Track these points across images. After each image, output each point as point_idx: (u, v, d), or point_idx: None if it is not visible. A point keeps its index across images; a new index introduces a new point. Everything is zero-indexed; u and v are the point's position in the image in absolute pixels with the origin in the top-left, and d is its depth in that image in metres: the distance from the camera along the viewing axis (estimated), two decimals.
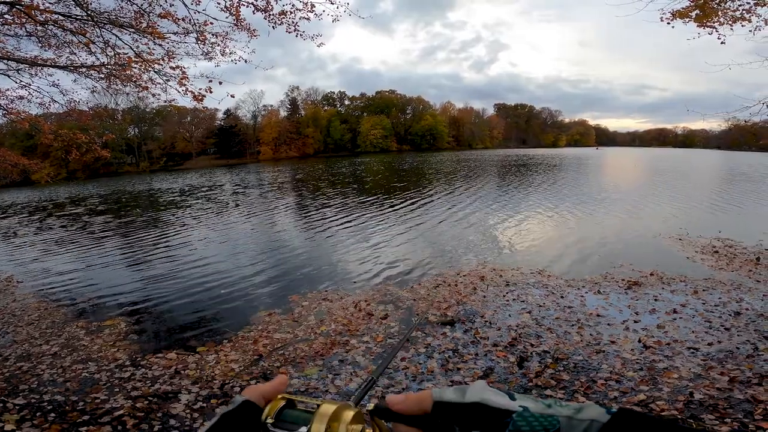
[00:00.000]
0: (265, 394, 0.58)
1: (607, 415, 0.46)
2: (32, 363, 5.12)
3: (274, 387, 0.59)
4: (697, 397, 3.65)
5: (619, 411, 0.47)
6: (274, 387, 0.59)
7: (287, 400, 0.59)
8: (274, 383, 0.60)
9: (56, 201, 28.56)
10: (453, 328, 5.46)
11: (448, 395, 0.52)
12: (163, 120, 78.69)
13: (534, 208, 15.68)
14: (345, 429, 0.55)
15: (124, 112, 71.76)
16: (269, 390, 0.59)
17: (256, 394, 0.58)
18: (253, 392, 0.58)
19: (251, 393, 0.58)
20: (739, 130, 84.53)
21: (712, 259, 8.29)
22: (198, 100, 7.49)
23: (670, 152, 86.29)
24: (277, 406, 0.57)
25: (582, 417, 0.47)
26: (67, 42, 7.25)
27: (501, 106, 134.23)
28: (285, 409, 0.57)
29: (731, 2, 6.97)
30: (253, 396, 0.57)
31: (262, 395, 0.58)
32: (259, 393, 0.58)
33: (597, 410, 0.47)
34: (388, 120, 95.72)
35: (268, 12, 6.79)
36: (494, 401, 0.50)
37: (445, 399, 0.52)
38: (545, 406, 0.49)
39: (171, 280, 8.51)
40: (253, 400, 0.56)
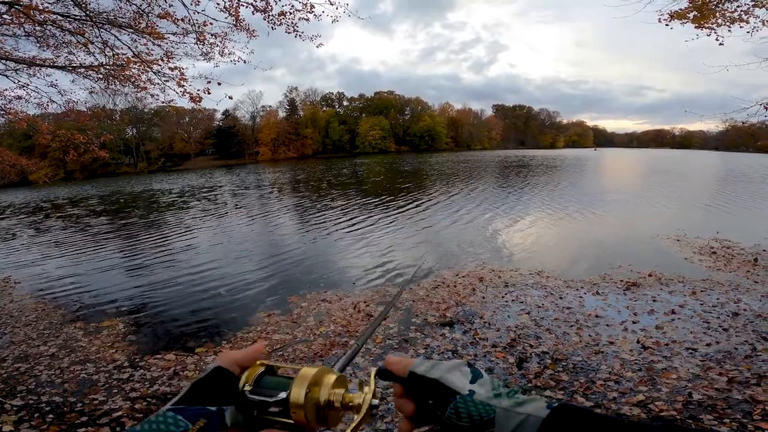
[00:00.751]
0: (240, 361, 0.57)
1: (546, 410, 0.48)
2: (30, 364, 5.10)
3: (248, 354, 0.58)
4: (696, 398, 3.65)
5: (558, 407, 0.48)
6: (248, 354, 0.58)
7: (266, 366, 0.57)
8: (249, 350, 0.58)
9: (54, 201, 28.49)
10: (452, 329, 5.46)
11: (421, 368, 0.57)
12: (162, 120, 78.53)
13: (533, 209, 15.69)
14: (327, 393, 0.54)
15: (122, 113, 71.66)
16: (243, 357, 0.57)
17: (229, 360, 0.56)
18: (226, 359, 0.56)
19: (224, 359, 0.56)
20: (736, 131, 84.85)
21: (710, 259, 8.31)
22: (196, 102, 7.48)
23: (667, 153, 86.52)
24: (255, 373, 0.56)
25: (520, 410, 0.49)
26: (65, 42, 7.23)
27: (499, 107, 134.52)
28: (264, 376, 0.56)
29: (729, 3, 6.99)
30: (226, 362, 0.55)
31: (236, 362, 0.56)
32: (232, 360, 0.56)
33: (537, 405, 0.49)
34: (387, 121, 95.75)
35: (268, 13, 6.78)
36: (450, 381, 0.54)
37: (417, 371, 0.57)
38: (492, 396, 0.52)
39: (169, 281, 8.49)
40: (225, 366, 0.55)
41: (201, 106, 7.66)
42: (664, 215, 13.74)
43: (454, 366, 0.56)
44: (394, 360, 0.59)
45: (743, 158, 57.73)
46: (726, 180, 26.91)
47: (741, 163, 45.60)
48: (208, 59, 7.46)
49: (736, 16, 7.03)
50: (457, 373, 0.55)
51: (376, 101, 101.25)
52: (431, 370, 0.56)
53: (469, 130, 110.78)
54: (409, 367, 0.58)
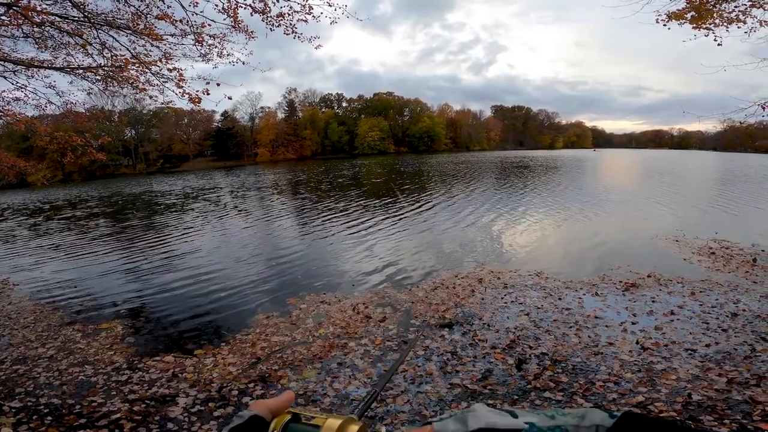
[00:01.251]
0: (273, 408, 0.59)
1: (611, 419, 0.47)
2: (28, 366, 5.09)
3: (281, 402, 0.60)
4: (696, 399, 3.65)
5: (623, 415, 0.47)
6: (281, 402, 0.60)
7: (293, 414, 0.59)
8: (282, 398, 0.61)
9: (52, 203, 28.44)
10: (451, 331, 5.45)
11: (451, 427, 0.51)
12: (160, 122, 78.43)
13: (532, 210, 15.71)
14: None
15: (120, 114, 71.57)
16: (276, 405, 0.60)
17: (264, 408, 0.59)
18: (261, 406, 0.59)
19: (259, 407, 0.59)
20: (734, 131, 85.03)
21: (708, 260, 8.32)
22: (195, 102, 7.47)
23: (666, 154, 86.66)
24: (283, 420, 0.58)
25: (587, 423, 0.48)
26: (63, 43, 7.22)
27: (498, 108, 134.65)
28: (290, 423, 0.58)
29: (727, 4, 7.00)
30: (261, 410, 0.58)
31: (270, 410, 0.59)
32: (267, 407, 0.59)
33: (600, 415, 0.48)
34: (386, 122, 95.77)
35: (266, 14, 6.78)
36: (499, 423, 0.49)
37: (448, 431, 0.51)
38: (549, 418, 0.49)
39: (168, 283, 8.47)
40: (261, 414, 0.57)
41: (200, 107, 7.66)
42: (663, 216, 13.76)
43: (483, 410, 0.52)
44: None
45: (741, 158, 57.86)
46: (724, 180, 26.96)
47: (739, 163, 45.68)
48: (207, 60, 7.46)
49: (734, 17, 7.04)
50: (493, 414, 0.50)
51: (375, 102, 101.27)
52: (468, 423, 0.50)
53: (468, 131, 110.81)
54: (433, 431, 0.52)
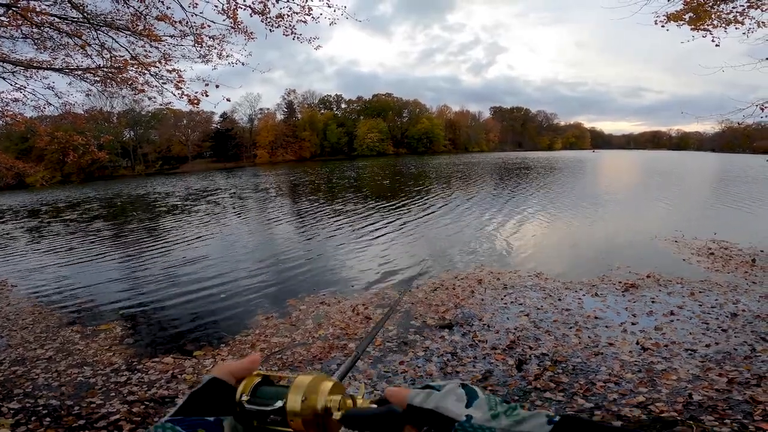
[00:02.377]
0: (235, 371, 0.58)
1: (548, 426, 0.47)
2: (27, 367, 5.07)
3: (244, 365, 0.59)
4: (696, 399, 3.65)
5: (560, 420, 0.47)
6: (244, 365, 0.59)
7: (262, 377, 0.58)
8: (245, 361, 0.59)
9: (51, 204, 28.38)
10: (451, 332, 5.45)
11: (418, 398, 0.55)
12: (159, 123, 78.37)
13: (532, 210, 15.71)
14: (324, 400, 0.55)
15: (119, 115, 71.45)
16: (239, 367, 0.58)
17: (225, 371, 0.57)
18: (222, 370, 0.57)
19: (219, 371, 0.57)
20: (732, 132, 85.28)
21: (708, 260, 8.33)
22: (194, 104, 7.46)
23: (664, 155, 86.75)
24: (252, 383, 0.56)
25: (521, 429, 0.48)
26: (62, 44, 7.21)
27: (497, 109, 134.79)
28: (261, 386, 0.56)
29: (725, 5, 7.02)
30: (222, 373, 0.57)
31: (231, 373, 0.57)
32: (228, 371, 0.57)
33: (538, 421, 0.48)
34: (385, 123, 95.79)
35: (265, 15, 6.77)
36: (445, 408, 0.52)
37: (414, 402, 0.55)
38: (491, 417, 0.50)
39: (167, 284, 8.46)
40: (221, 377, 0.56)
41: (199, 108, 7.67)
42: (662, 216, 13.77)
43: (449, 391, 0.55)
44: (393, 391, 0.58)
45: (740, 159, 57.91)
46: (723, 181, 27.00)
47: (738, 164, 45.71)
48: (206, 61, 7.45)
49: (732, 18, 7.06)
50: (452, 399, 0.53)
51: (374, 104, 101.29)
52: (427, 400, 0.54)
53: (467, 132, 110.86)
54: (407, 398, 0.56)
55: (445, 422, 0.52)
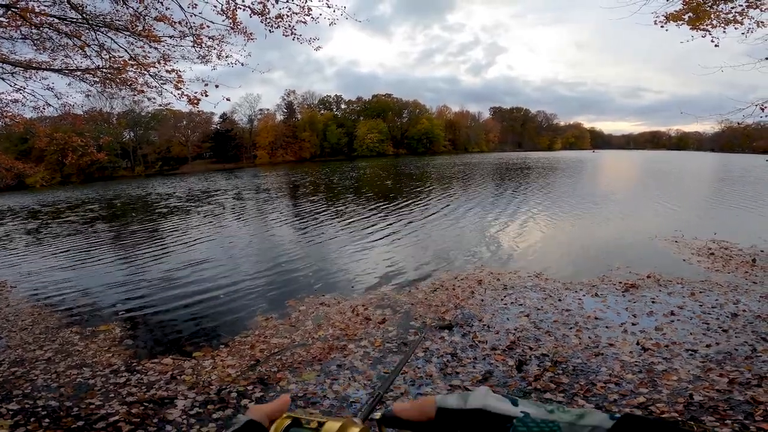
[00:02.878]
0: (269, 413, 0.59)
1: (611, 421, 0.46)
2: (26, 368, 5.06)
3: (277, 406, 0.60)
4: (697, 399, 3.64)
5: (623, 417, 0.46)
6: (277, 406, 0.60)
7: (292, 419, 0.58)
8: (277, 402, 0.60)
9: (50, 205, 28.37)
10: (451, 332, 5.44)
11: (451, 401, 0.53)
12: (159, 124, 78.35)
13: (532, 211, 15.71)
14: None
15: (119, 116, 71.43)
16: (273, 409, 0.59)
17: (260, 413, 0.58)
18: (257, 412, 0.58)
19: (255, 413, 0.58)
20: (732, 132, 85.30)
21: (708, 260, 8.32)
22: (193, 104, 7.46)
23: (664, 155, 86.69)
24: (282, 425, 0.57)
25: (584, 423, 0.47)
26: (62, 45, 7.21)
27: (497, 109, 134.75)
28: (290, 428, 0.57)
29: (724, 5, 7.01)
30: (257, 416, 0.57)
31: (266, 415, 0.58)
32: (263, 413, 0.58)
33: (600, 416, 0.47)
34: (385, 124, 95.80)
35: (265, 15, 6.77)
36: (496, 407, 0.50)
37: (448, 405, 0.52)
38: (547, 412, 0.49)
39: (166, 284, 8.45)
40: (257, 419, 0.57)
41: (198, 108, 7.65)
42: (662, 216, 13.77)
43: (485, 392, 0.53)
44: (404, 406, 0.55)
45: (740, 159, 57.89)
46: (723, 181, 27.00)
47: (738, 164, 45.71)
48: (206, 62, 7.46)
49: (731, 18, 7.05)
50: (493, 399, 0.51)
51: (373, 104, 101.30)
52: (467, 401, 0.51)
53: (466, 132, 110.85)
54: (433, 405, 0.53)
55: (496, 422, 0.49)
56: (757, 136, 71.41)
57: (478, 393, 0.53)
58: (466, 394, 0.53)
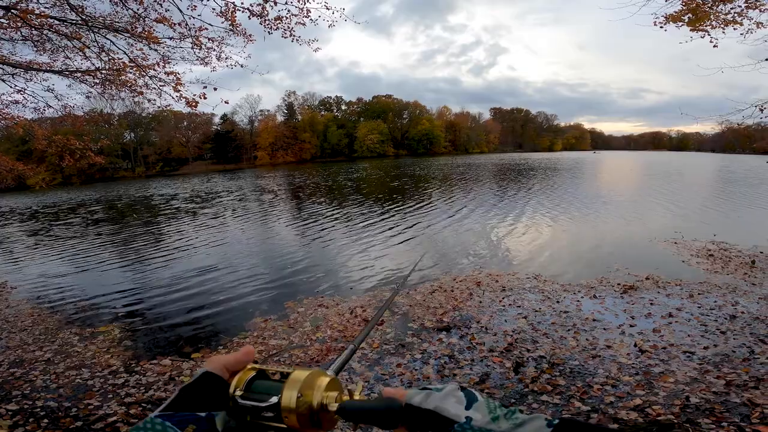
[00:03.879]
0: (228, 365, 0.57)
1: (548, 429, 0.48)
2: (25, 369, 5.07)
3: (238, 358, 0.58)
4: (694, 401, 3.64)
5: (559, 423, 0.48)
6: (238, 358, 0.58)
7: (257, 371, 0.56)
8: (239, 354, 0.58)
9: (51, 206, 28.41)
10: (449, 334, 5.44)
11: (417, 398, 0.55)
12: (159, 125, 78.45)
13: (531, 212, 15.71)
14: (320, 396, 0.54)
15: (119, 117, 71.57)
16: (232, 361, 0.57)
17: (218, 365, 0.56)
18: (214, 363, 0.56)
19: (212, 364, 0.56)
20: (732, 132, 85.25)
21: (707, 262, 8.32)
22: (192, 106, 7.49)
23: (665, 156, 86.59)
24: (246, 377, 0.55)
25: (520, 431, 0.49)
26: (62, 47, 7.23)
27: (497, 110, 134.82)
28: (255, 380, 0.55)
29: (723, 5, 7.02)
30: (215, 367, 0.56)
31: (225, 366, 0.56)
32: (221, 364, 0.56)
33: (537, 423, 0.49)
34: (385, 125, 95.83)
35: (264, 17, 6.80)
36: (445, 409, 0.53)
37: (413, 402, 0.55)
38: (490, 420, 0.51)
39: (165, 286, 8.46)
40: (214, 371, 0.55)
41: (198, 110, 7.67)
42: (662, 218, 13.76)
43: (448, 392, 0.55)
44: (390, 391, 0.58)
45: (740, 160, 57.79)
46: (723, 181, 26.97)
47: (739, 165, 45.63)
48: (205, 64, 7.48)
49: (730, 18, 7.06)
50: (452, 400, 0.54)
51: (374, 105, 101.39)
52: (426, 401, 0.54)
53: (467, 133, 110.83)
54: (405, 398, 0.56)
55: (443, 423, 0.52)
56: (757, 137, 71.30)
57: (443, 391, 0.55)
58: (432, 391, 0.56)
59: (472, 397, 0.54)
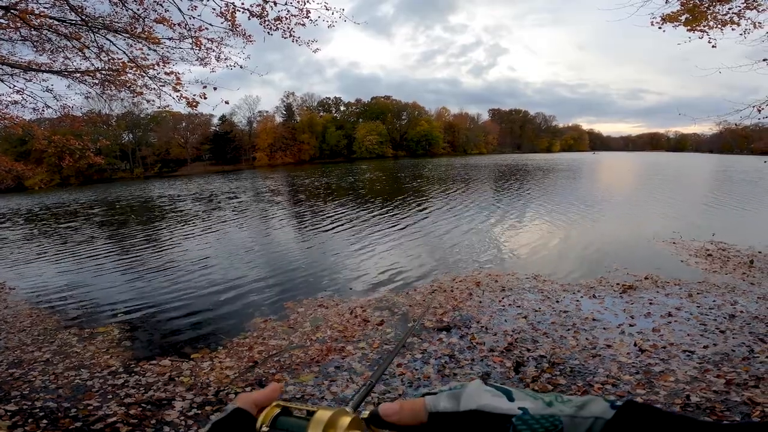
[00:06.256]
0: (258, 401, 0.57)
1: (612, 410, 0.45)
2: (24, 369, 5.06)
3: (266, 394, 0.58)
4: (694, 400, 3.65)
5: (624, 404, 0.45)
6: (266, 394, 0.58)
7: (282, 408, 0.57)
8: (267, 390, 0.59)
9: (50, 207, 28.35)
10: (449, 334, 5.44)
11: (443, 404, 0.50)
12: (158, 126, 78.32)
13: (530, 213, 15.74)
14: None
15: (118, 118, 71.34)
16: (262, 398, 0.58)
17: (249, 401, 0.57)
18: (245, 400, 0.57)
19: (243, 401, 0.57)
20: (730, 133, 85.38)
21: (705, 262, 8.34)
22: (192, 106, 7.48)
23: (663, 156, 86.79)
24: (271, 414, 0.56)
25: (585, 414, 0.45)
26: (61, 47, 7.22)
27: (496, 111, 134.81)
28: (279, 417, 0.56)
29: (721, 6, 7.03)
30: (245, 404, 0.56)
31: (255, 403, 0.57)
32: (252, 401, 0.57)
33: (601, 405, 0.46)
34: (384, 126, 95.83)
35: (264, 18, 6.80)
36: (492, 406, 0.48)
37: (440, 409, 0.50)
38: (545, 405, 0.47)
39: (165, 286, 8.45)
40: (245, 407, 0.56)
41: (197, 111, 7.67)
42: (661, 218, 13.79)
43: (478, 388, 0.50)
44: (392, 409, 0.52)
45: (738, 160, 57.93)
46: (721, 182, 27.03)
47: (737, 166, 45.73)
48: (204, 64, 7.48)
49: (728, 19, 7.07)
50: (488, 395, 0.49)
51: (373, 106, 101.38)
52: (460, 402, 0.49)
53: (465, 134, 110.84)
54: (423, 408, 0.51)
55: (495, 422, 0.47)
56: (755, 138, 71.46)
57: (471, 390, 0.51)
58: (458, 392, 0.51)
59: (502, 389, 0.50)
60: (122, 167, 75.04)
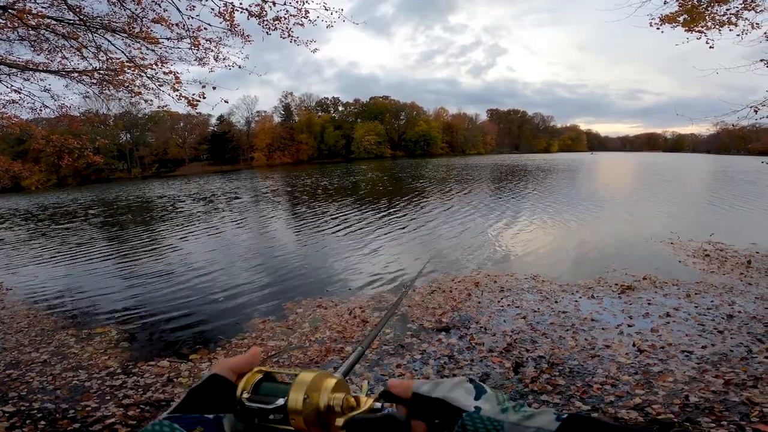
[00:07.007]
0: (236, 367, 0.57)
1: (556, 422, 0.48)
2: (21, 370, 5.04)
3: (244, 360, 0.58)
4: (693, 400, 3.65)
5: (568, 418, 0.48)
6: (244, 360, 0.58)
7: (264, 373, 0.57)
8: (245, 356, 0.59)
9: (47, 207, 28.26)
10: (448, 335, 5.44)
11: (424, 387, 0.56)
12: (156, 126, 78.12)
13: (528, 213, 15.75)
14: (327, 398, 0.54)
15: (116, 118, 71.16)
16: (240, 363, 0.58)
17: (225, 368, 0.56)
18: (222, 366, 0.57)
19: (219, 367, 0.56)
20: (728, 134, 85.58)
21: (703, 262, 8.36)
22: (192, 106, 7.47)
23: (660, 157, 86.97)
24: (253, 380, 0.55)
25: (529, 424, 0.49)
26: (59, 47, 7.20)
27: (494, 111, 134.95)
28: (262, 382, 0.55)
29: (719, 6, 7.06)
30: (222, 370, 0.56)
31: (232, 369, 0.57)
32: (228, 367, 0.57)
33: (547, 417, 0.49)
34: (382, 126, 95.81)
35: (262, 18, 6.79)
36: (454, 398, 0.53)
37: (420, 391, 0.56)
38: (500, 411, 0.51)
39: (163, 287, 8.43)
40: (221, 374, 0.55)
41: (196, 110, 7.65)
42: (658, 218, 13.81)
43: (457, 383, 0.56)
44: (396, 382, 0.59)
45: (735, 161, 58.09)
46: (719, 182, 27.11)
47: (735, 166, 45.87)
48: (203, 64, 7.47)
49: (726, 19, 7.09)
50: (461, 390, 0.54)
51: (371, 106, 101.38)
52: (434, 390, 0.55)
53: (464, 135, 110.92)
54: (411, 388, 0.57)
55: (452, 413, 0.52)
56: (753, 138, 71.71)
57: (450, 382, 0.56)
58: (441, 381, 0.56)
59: (481, 389, 0.55)
60: (120, 167, 74.85)
